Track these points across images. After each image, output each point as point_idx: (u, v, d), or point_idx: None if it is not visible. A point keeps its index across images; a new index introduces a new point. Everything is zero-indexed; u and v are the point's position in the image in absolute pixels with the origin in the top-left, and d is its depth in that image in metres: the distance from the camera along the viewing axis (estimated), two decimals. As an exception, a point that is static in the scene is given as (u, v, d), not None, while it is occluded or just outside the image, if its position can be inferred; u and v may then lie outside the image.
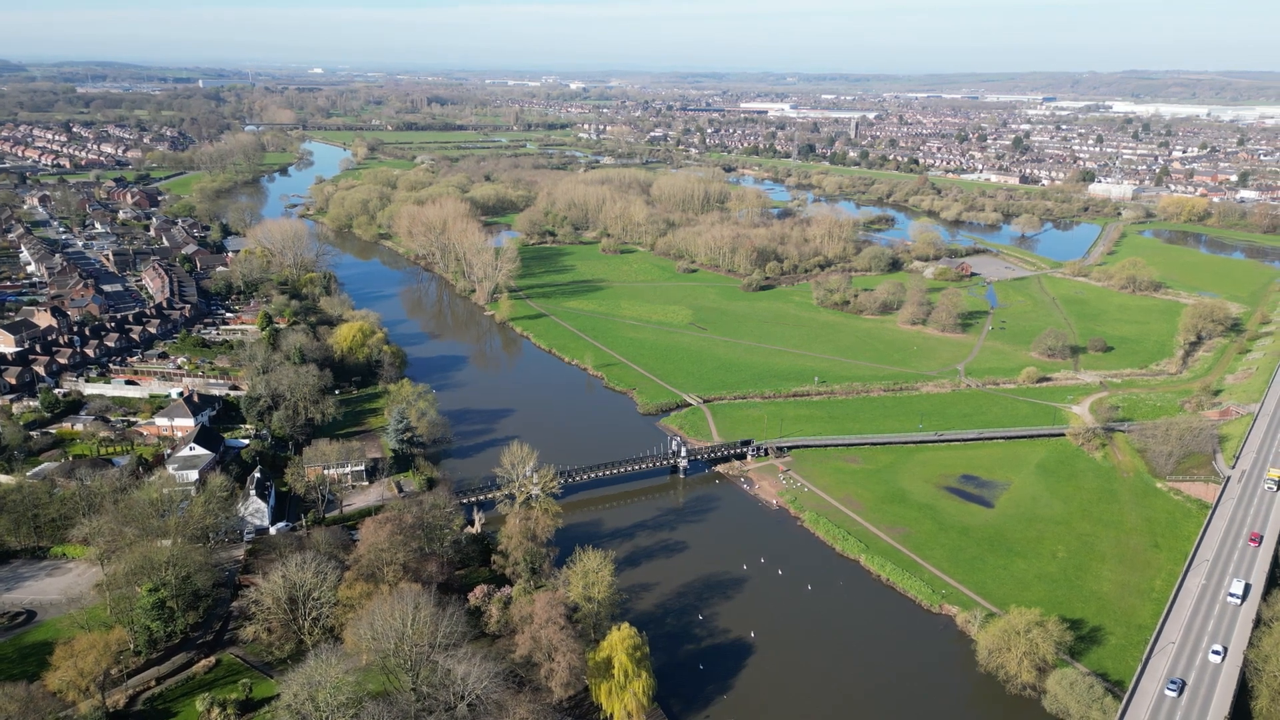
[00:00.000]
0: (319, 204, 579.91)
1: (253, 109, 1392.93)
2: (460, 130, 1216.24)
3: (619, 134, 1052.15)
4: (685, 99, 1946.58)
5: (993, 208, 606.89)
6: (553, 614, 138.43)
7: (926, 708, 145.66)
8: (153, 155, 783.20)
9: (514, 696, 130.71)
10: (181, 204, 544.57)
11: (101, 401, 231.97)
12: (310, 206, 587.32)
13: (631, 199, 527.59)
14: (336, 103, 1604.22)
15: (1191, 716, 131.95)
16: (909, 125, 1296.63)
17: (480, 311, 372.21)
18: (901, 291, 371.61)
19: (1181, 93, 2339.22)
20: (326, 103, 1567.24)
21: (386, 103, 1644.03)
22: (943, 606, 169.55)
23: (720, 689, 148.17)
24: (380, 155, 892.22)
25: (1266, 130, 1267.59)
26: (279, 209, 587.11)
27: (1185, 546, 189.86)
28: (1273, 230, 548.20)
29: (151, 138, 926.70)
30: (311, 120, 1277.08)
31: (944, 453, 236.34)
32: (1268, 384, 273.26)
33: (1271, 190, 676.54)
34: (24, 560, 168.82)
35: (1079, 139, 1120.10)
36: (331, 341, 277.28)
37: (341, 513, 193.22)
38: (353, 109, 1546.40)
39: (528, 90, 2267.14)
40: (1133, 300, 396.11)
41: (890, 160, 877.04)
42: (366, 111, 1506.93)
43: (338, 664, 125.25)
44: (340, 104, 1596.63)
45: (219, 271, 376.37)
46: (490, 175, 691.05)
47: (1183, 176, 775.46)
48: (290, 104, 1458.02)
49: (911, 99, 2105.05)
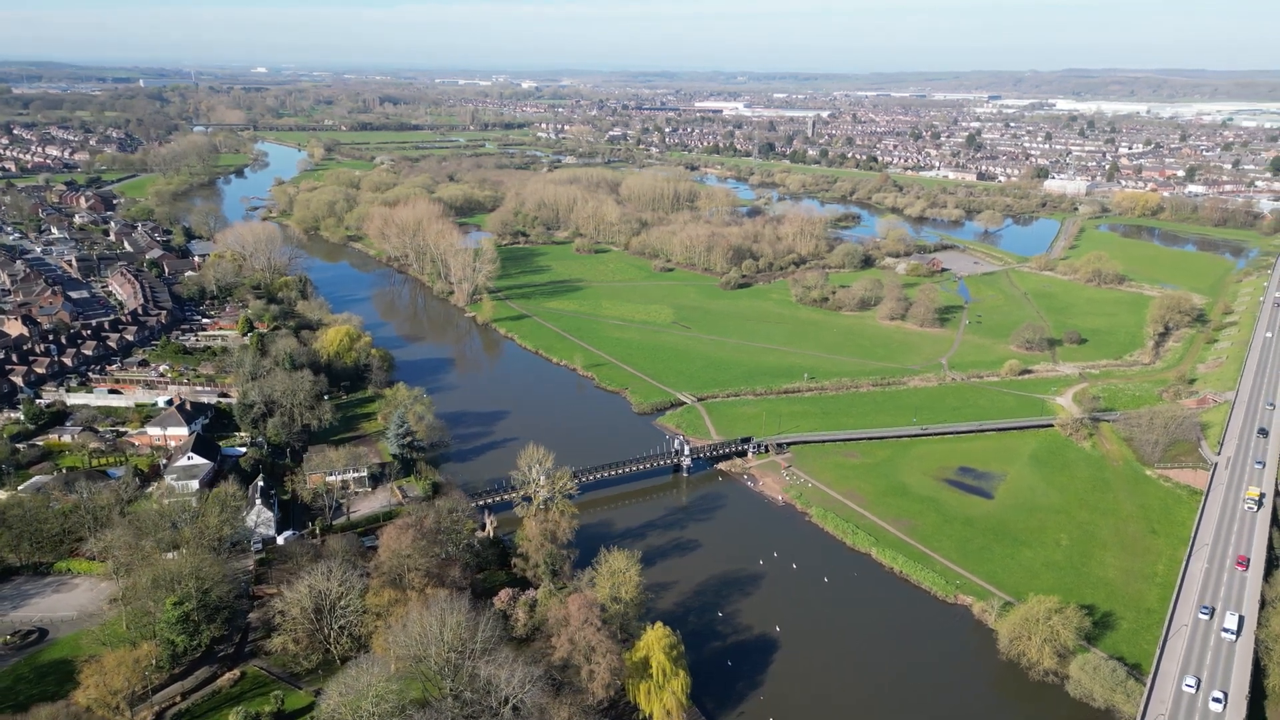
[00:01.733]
0: (282, 206, 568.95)
1: (199, 109, 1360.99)
2: (416, 130, 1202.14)
3: (579, 133, 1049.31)
4: (639, 98, 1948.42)
5: (955, 204, 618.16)
6: (589, 616, 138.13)
7: (953, 696, 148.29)
8: (102, 158, 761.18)
9: (554, 700, 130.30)
10: (139, 207, 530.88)
11: (88, 412, 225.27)
12: (273, 209, 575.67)
13: (603, 199, 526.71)
14: (285, 102, 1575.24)
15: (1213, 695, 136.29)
16: (863, 124, 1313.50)
17: (460, 313, 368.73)
18: (879, 288, 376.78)
19: (1120, 91, 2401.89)
20: (275, 102, 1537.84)
21: (337, 102, 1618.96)
22: (957, 597, 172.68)
23: (750, 685, 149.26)
24: (338, 156, 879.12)
25: (1205, 126, 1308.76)
26: (239, 211, 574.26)
27: (1181, 532, 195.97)
28: (1223, 223, 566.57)
29: (98, 139, 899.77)
30: (262, 120, 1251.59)
31: (939, 446, 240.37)
32: (1239, 372, 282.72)
33: (1218, 185, 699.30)
34: (26, 577, 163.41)
35: (1028, 136, 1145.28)
36: (318, 346, 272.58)
37: (349, 519, 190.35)
38: (303, 109, 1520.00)
39: (479, 90, 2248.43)
40: (1099, 293, 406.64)
41: (849, 158, 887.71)
42: (317, 111, 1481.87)
43: (379, 672, 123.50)
44: (290, 104, 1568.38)
45: (189, 276, 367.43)
46: (454, 176, 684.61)
47: (1131, 172, 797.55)
48: (238, 104, 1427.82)
49: (862, 97, 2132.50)
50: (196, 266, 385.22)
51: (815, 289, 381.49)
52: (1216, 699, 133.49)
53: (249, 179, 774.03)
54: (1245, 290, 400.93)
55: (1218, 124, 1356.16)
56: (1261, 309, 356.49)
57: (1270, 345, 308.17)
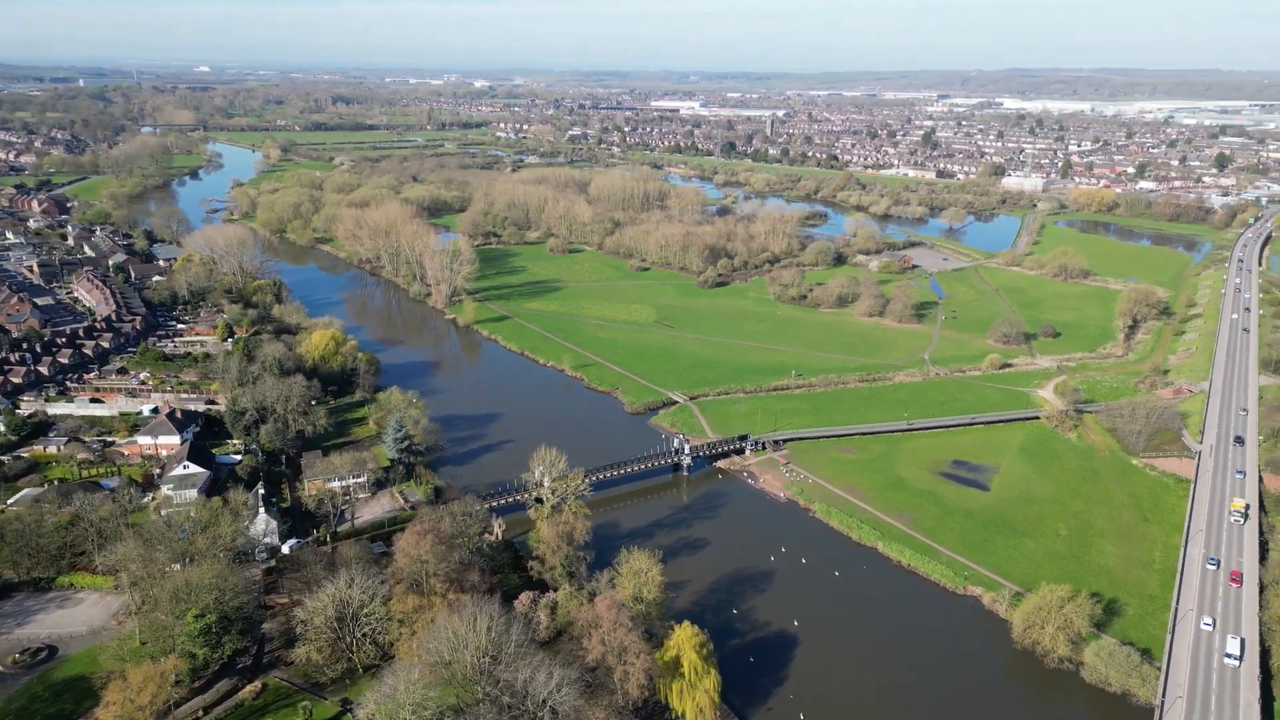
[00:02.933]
0: (244, 208, 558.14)
1: (144, 109, 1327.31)
2: (372, 130, 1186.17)
3: (540, 133, 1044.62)
4: (595, 97, 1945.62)
5: (918, 202, 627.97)
6: (620, 617, 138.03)
7: (973, 686, 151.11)
8: (50, 160, 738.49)
9: (589, 702, 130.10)
10: (95, 210, 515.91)
11: (72, 421, 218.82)
12: (234, 211, 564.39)
13: (574, 199, 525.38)
14: (234, 102, 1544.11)
15: (1226, 678, 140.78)
16: (819, 123, 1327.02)
17: (439, 315, 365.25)
18: (855, 285, 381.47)
19: (1063, 89, 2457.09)
20: (224, 102, 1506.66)
21: (288, 102, 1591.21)
22: (966, 588, 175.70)
23: (775, 681, 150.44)
24: (295, 157, 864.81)
25: (1148, 124, 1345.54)
26: (198, 214, 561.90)
27: (1172, 519, 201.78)
28: (1176, 218, 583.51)
29: (42, 141, 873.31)
30: (212, 121, 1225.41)
31: (930, 440, 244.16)
32: (1210, 363, 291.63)
33: (1167, 181, 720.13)
34: (27, 593, 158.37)
35: (981, 134, 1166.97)
36: (303, 350, 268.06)
37: (353, 526, 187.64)
38: (253, 109, 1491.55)
39: (432, 89, 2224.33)
40: (1066, 287, 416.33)
41: (810, 157, 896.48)
42: (268, 111, 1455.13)
43: (416, 679, 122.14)
44: (239, 104, 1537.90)
45: (158, 281, 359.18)
46: (418, 176, 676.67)
47: (1084, 169, 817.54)
48: (186, 104, 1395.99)
49: (814, 97, 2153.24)
50: (164, 271, 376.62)
51: (793, 287, 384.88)
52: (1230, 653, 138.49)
53: (204, 181, 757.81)
54: (1205, 283, 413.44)
55: (1160, 121, 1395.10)
56: (1224, 301, 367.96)
57: (1237, 335, 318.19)
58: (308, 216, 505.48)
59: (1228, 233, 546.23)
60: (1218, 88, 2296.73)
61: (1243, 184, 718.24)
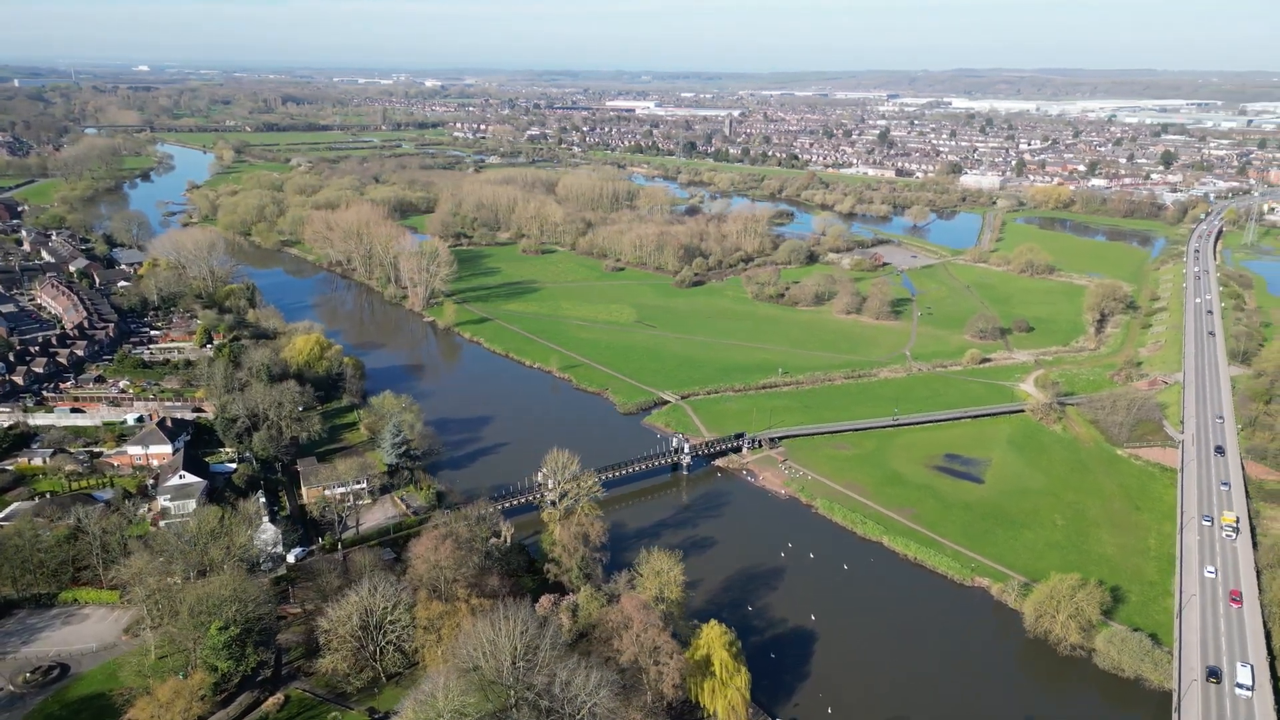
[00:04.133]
0: (204, 211, 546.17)
1: (86, 110, 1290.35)
2: (326, 130, 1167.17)
3: (500, 133, 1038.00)
4: (549, 97, 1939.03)
5: (881, 200, 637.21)
6: (650, 617, 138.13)
7: (989, 675, 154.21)
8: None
9: (625, 702, 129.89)
10: (49, 214, 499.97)
11: (56, 433, 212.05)
12: (192, 214, 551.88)
13: (543, 199, 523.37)
14: (179, 102, 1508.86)
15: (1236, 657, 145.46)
16: (774, 122, 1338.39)
17: (417, 318, 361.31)
18: (831, 283, 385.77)
19: (1007, 89, 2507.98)
20: (169, 102, 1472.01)
21: (236, 102, 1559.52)
22: (974, 579, 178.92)
23: (798, 676, 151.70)
24: (249, 158, 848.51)
25: (1092, 123, 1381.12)
26: (155, 217, 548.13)
27: (1162, 507, 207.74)
28: (1130, 214, 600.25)
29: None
30: (158, 121, 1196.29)
31: (921, 434, 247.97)
32: (1180, 355, 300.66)
33: (1118, 178, 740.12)
34: (29, 610, 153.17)
35: (934, 133, 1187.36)
36: (287, 355, 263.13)
37: (358, 533, 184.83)
38: (199, 109, 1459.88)
39: (382, 89, 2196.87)
40: (1033, 283, 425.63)
41: (771, 157, 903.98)
42: (216, 111, 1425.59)
43: (455, 685, 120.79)
44: (184, 104, 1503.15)
45: (125, 286, 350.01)
46: (379, 177, 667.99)
47: (1036, 167, 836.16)
48: (129, 104, 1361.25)
49: (768, 96, 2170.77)
50: (129, 276, 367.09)
51: (770, 285, 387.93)
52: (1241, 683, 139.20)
53: (156, 183, 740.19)
54: (1165, 277, 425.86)
55: (1103, 120, 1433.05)
56: (1185, 294, 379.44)
57: (1202, 328, 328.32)
58: (272, 219, 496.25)
59: (1180, 228, 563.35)
60: (1155, 87, 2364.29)
61: (1190, 181, 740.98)
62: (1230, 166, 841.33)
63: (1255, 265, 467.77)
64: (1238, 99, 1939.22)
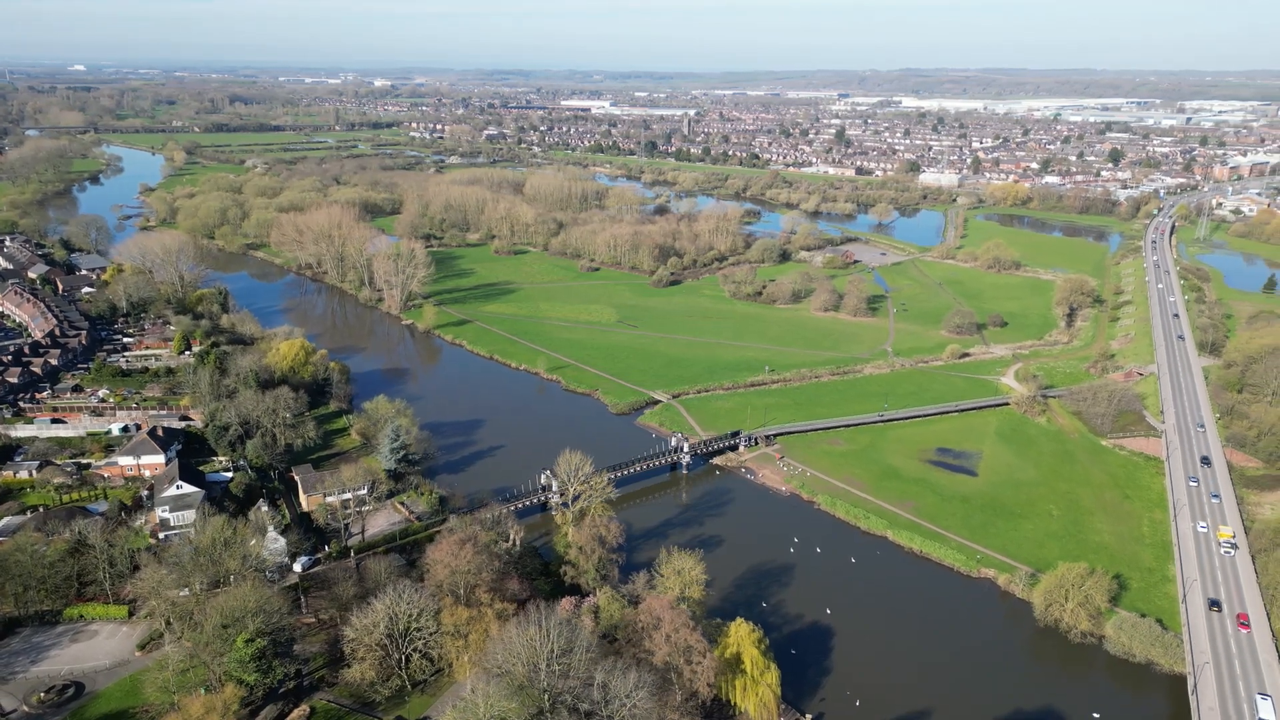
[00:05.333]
0: (161, 214, 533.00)
1: (25, 111, 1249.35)
2: (278, 131, 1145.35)
3: (458, 133, 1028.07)
4: (502, 96, 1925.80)
5: (845, 198, 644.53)
6: (681, 617, 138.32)
7: (1004, 663, 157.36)
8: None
9: (660, 702, 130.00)
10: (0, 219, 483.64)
11: (40, 444, 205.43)
12: (150, 217, 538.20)
13: (513, 200, 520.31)
14: (121, 103, 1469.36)
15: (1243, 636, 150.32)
16: (730, 121, 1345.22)
17: (395, 321, 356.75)
18: (808, 281, 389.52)
19: (954, 88, 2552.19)
20: (111, 103, 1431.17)
21: (181, 102, 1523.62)
22: (980, 570, 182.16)
23: (820, 671, 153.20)
24: (201, 159, 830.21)
25: (1039, 121, 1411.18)
26: (110, 220, 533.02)
27: (1150, 495, 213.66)
28: (1086, 211, 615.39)
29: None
30: (102, 123, 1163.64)
31: (911, 429, 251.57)
32: (1151, 347, 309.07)
33: (1070, 175, 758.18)
34: (33, 628, 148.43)
35: (888, 132, 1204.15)
36: (272, 361, 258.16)
37: (364, 540, 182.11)
38: (143, 109, 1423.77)
39: (330, 88, 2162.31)
40: (1001, 279, 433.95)
41: (732, 156, 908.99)
42: (161, 112, 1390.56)
43: (495, 690, 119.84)
44: (127, 104, 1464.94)
45: (91, 293, 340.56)
46: (340, 178, 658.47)
47: (990, 165, 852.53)
48: (71, 105, 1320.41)
49: (721, 96, 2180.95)
50: (93, 282, 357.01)
51: (746, 284, 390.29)
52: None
53: (106, 186, 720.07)
54: (1127, 271, 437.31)
55: (1049, 119, 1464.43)
56: (1149, 288, 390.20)
57: (1168, 320, 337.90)
58: (236, 222, 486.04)
59: (1134, 223, 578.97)
60: (1095, 86, 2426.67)
61: (1138, 177, 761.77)
62: (1176, 163, 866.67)
63: (1209, 259, 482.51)
64: (1174, 97, 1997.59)
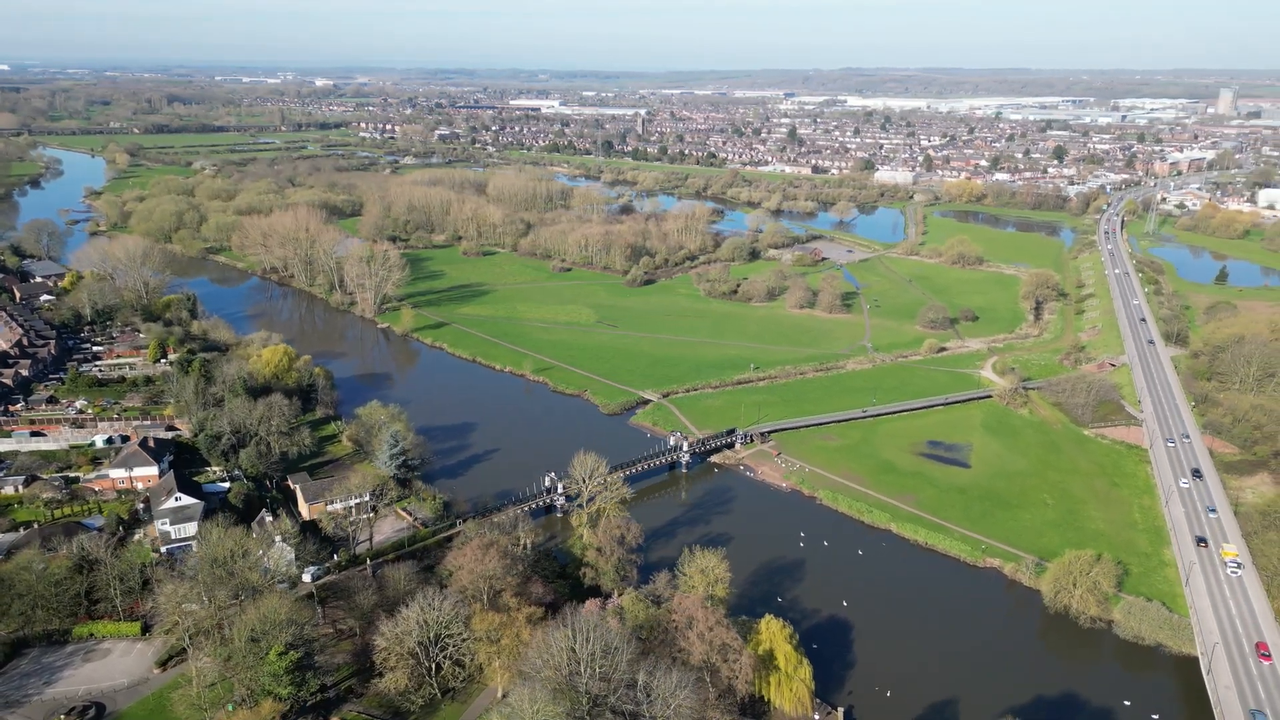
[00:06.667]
0: (112, 218, 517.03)
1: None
2: (221, 132, 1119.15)
3: (410, 133, 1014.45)
4: (449, 96, 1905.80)
5: (805, 196, 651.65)
6: (716, 615, 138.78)
7: (1019, 650, 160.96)
8: None
9: (700, 700, 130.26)
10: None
11: (23, 459, 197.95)
12: (100, 221, 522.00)
13: (479, 201, 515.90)
14: (53, 103, 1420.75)
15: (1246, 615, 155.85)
16: (682, 120, 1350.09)
17: (369, 325, 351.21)
18: (782, 279, 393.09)
19: (896, 87, 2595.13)
20: (43, 104, 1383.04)
21: (116, 103, 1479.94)
22: (985, 560, 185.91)
23: (844, 664, 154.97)
24: (145, 161, 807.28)
25: (981, 120, 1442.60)
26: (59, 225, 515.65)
27: (1136, 482, 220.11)
28: (1038, 207, 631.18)
29: None
30: (36, 124, 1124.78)
31: (900, 423, 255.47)
32: (1120, 338, 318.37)
33: (1019, 173, 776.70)
34: (41, 648, 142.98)
35: (837, 130, 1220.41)
36: (255, 368, 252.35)
37: (372, 547, 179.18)
38: (77, 110, 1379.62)
39: (270, 88, 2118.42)
40: (965, 274, 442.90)
41: (689, 155, 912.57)
42: (96, 113, 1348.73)
43: (540, 695, 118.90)
44: (59, 104, 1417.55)
45: (48, 300, 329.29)
46: (294, 180, 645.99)
47: (941, 163, 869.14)
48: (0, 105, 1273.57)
49: (669, 95, 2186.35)
50: (51, 289, 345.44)
51: (721, 282, 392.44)
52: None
53: (48, 189, 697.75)
54: (1085, 265, 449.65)
55: (991, 117, 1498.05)
56: (1109, 281, 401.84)
57: (1132, 312, 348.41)
58: (194, 225, 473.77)
59: (1085, 218, 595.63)
60: (1032, 85, 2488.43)
61: (1084, 174, 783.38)
62: (1117, 160, 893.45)
63: (1160, 252, 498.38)
64: (1107, 95, 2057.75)
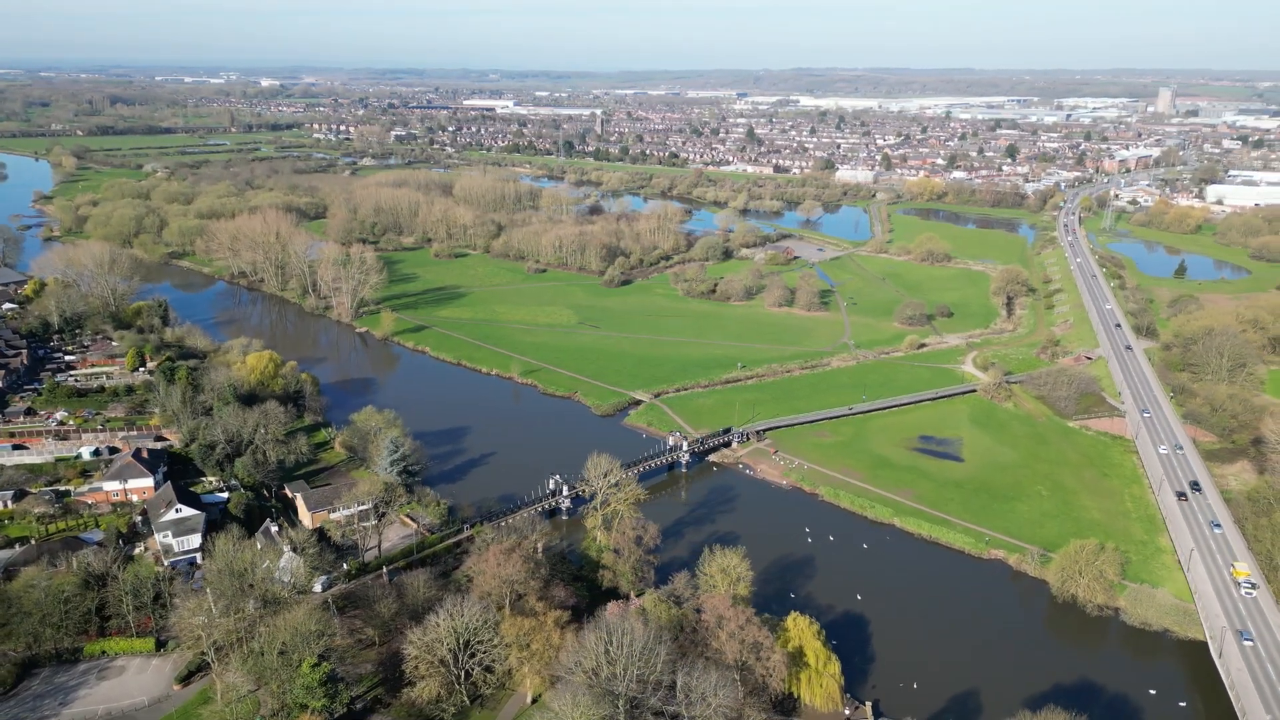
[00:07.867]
0: (66, 223, 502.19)
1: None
2: (169, 134, 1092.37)
3: (367, 134, 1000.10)
4: (400, 96, 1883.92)
5: (770, 196, 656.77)
6: (746, 614, 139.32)
7: (1032, 639, 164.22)
8: None
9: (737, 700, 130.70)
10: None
11: (11, 473, 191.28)
12: (54, 227, 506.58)
13: (448, 202, 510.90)
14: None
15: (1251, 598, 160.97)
16: (639, 121, 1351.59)
17: (347, 329, 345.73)
18: (758, 278, 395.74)
19: (846, 88, 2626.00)
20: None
21: (56, 104, 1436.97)
22: (989, 552, 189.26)
23: (865, 658, 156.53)
24: (92, 164, 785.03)
25: (931, 119, 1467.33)
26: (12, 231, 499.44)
27: (1124, 472, 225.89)
28: (997, 204, 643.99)
29: None
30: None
31: (891, 419, 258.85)
32: (1093, 332, 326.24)
33: (975, 171, 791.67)
34: (53, 667, 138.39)
35: (794, 130, 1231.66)
36: (240, 374, 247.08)
37: (380, 555, 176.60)
38: (14, 111, 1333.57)
39: (215, 88, 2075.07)
40: (935, 271, 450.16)
41: (651, 155, 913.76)
42: (35, 114, 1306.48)
43: (582, 700, 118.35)
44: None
45: (12, 309, 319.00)
46: (252, 182, 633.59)
47: (899, 161, 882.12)
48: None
49: (623, 96, 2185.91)
50: (12, 297, 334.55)
51: (698, 282, 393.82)
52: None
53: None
54: (1050, 261, 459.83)
55: (941, 116, 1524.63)
56: (1075, 276, 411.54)
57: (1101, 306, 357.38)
58: (154, 230, 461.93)
59: (1043, 215, 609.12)
60: (977, 85, 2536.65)
61: (1036, 171, 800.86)
62: (1068, 158, 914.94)
63: (1118, 247, 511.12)
64: (1050, 95, 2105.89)
